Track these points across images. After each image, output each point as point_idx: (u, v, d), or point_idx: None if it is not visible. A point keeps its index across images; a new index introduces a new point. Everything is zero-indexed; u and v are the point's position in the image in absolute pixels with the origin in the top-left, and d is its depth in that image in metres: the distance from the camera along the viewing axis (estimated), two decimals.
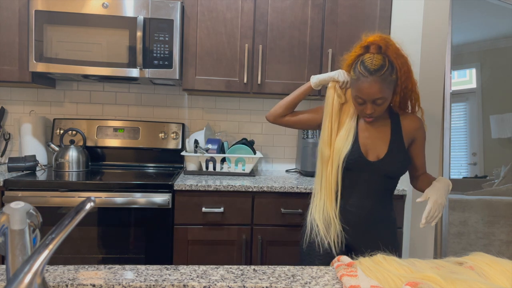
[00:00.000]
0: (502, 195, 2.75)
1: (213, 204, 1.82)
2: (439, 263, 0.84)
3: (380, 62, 1.15)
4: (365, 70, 1.15)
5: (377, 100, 1.17)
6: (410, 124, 1.30)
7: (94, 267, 0.80)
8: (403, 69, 1.18)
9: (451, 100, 2.02)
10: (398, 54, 1.17)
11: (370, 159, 1.25)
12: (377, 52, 1.18)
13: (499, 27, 3.57)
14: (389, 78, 1.16)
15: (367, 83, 1.15)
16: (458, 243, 2.55)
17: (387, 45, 1.16)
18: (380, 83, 1.14)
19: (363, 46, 1.20)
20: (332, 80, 1.29)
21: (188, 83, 2.06)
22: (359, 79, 1.16)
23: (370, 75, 1.14)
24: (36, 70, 1.92)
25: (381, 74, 1.14)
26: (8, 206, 0.58)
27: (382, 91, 1.15)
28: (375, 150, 1.26)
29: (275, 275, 0.80)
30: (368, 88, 1.15)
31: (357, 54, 1.21)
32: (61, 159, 2.05)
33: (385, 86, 1.15)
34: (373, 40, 1.18)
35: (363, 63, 1.16)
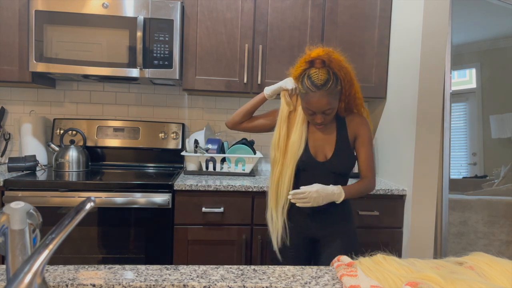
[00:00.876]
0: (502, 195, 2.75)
1: (213, 204, 1.82)
2: (439, 263, 0.84)
3: (325, 77, 1.24)
4: (312, 85, 1.24)
5: (326, 111, 1.27)
6: (354, 122, 1.40)
7: (94, 267, 0.80)
8: (346, 79, 1.28)
9: (451, 100, 2.01)
10: (340, 66, 1.26)
11: (319, 159, 1.37)
12: (321, 66, 1.26)
13: (499, 27, 3.56)
14: (335, 90, 1.26)
15: (315, 98, 1.24)
16: (458, 243, 2.55)
17: (330, 59, 1.24)
18: (328, 96, 1.24)
19: (308, 61, 1.28)
20: (282, 89, 1.39)
21: (188, 83, 2.06)
22: (308, 93, 1.26)
23: (318, 89, 1.24)
24: (36, 70, 1.92)
25: (328, 88, 1.24)
26: (8, 206, 0.58)
27: (329, 103, 1.26)
28: (323, 151, 1.38)
29: (275, 275, 0.80)
30: (317, 102, 1.25)
31: (303, 68, 1.30)
32: (61, 159, 2.05)
33: (332, 98, 1.26)
34: (317, 55, 1.25)
35: (310, 78, 1.25)
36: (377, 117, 2.31)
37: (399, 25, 2.04)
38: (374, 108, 2.38)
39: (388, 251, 1.49)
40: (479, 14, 3.27)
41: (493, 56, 3.96)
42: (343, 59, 1.28)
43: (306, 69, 1.29)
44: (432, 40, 1.80)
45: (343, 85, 1.29)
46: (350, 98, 1.35)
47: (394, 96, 2.07)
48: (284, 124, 1.37)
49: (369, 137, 1.41)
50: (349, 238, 1.43)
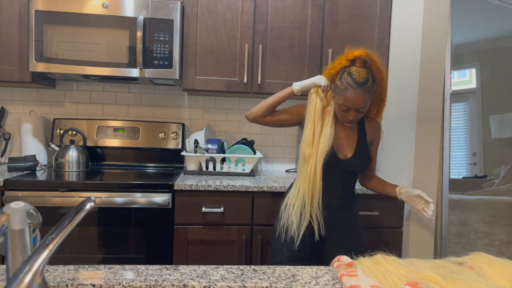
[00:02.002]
0: (502, 195, 2.75)
1: (213, 204, 1.82)
2: (439, 263, 0.84)
3: (366, 76, 1.29)
4: (353, 82, 1.28)
5: (360, 109, 1.32)
6: (372, 127, 1.49)
7: (94, 267, 0.80)
8: (381, 83, 1.34)
9: (451, 100, 2.01)
10: (378, 69, 1.32)
11: (340, 157, 1.42)
12: (362, 66, 1.30)
13: (499, 27, 3.56)
14: (372, 90, 1.32)
15: (355, 94, 1.28)
16: (458, 243, 2.55)
17: (371, 60, 1.30)
18: (365, 94, 1.29)
19: (349, 59, 1.31)
20: (314, 85, 1.41)
21: (188, 83, 2.06)
22: (347, 90, 1.29)
23: (358, 87, 1.28)
24: (36, 70, 1.92)
25: (367, 86, 1.29)
26: (8, 206, 0.58)
27: (366, 101, 1.31)
28: (344, 149, 1.43)
29: (275, 275, 0.80)
30: (355, 98, 1.29)
31: (343, 66, 1.32)
32: (61, 159, 2.05)
33: (368, 97, 1.31)
34: (359, 55, 1.29)
35: (351, 75, 1.29)
36: None
37: (399, 25, 2.04)
38: None
39: (388, 251, 1.49)
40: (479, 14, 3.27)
41: (493, 56, 3.96)
42: (380, 63, 1.32)
43: (347, 66, 1.31)
44: (432, 40, 1.80)
45: (377, 87, 1.34)
46: (380, 102, 1.42)
47: (394, 96, 2.07)
48: (319, 121, 1.38)
49: (379, 142, 1.54)
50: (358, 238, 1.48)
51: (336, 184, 1.43)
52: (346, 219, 1.47)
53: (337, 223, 1.45)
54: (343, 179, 1.43)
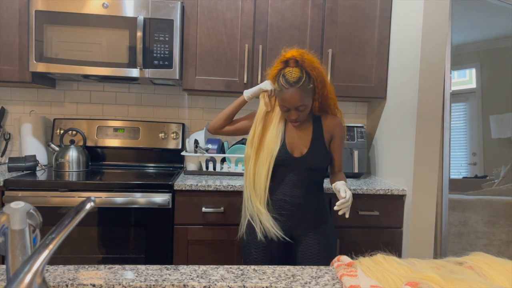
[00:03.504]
0: (502, 195, 2.75)
1: (213, 204, 1.82)
2: (439, 263, 0.84)
3: (298, 75, 1.33)
4: (286, 83, 1.33)
5: (299, 107, 1.35)
6: (330, 123, 1.49)
7: (94, 267, 0.80)
8: (319, 79, 1.36)
9: (451, 100, 2.01)
10: (313, 66, 1.34)
11: (295, 155, 1.43)
12: (295, 65, 1.35)
13: (499, 27, 3.56)
14: (307, 87, 1.34)
15: (289, 94, 1.33)
16: (458, 243, 2.55)
17: (303, 59, 1.33)
18: (300, 93, 1.33)
19: (283, 61, 1.36)
20: (262, 91, 1.49)
21: (188, 83, 2.06)
22: (282, 90, 1.34)
23: (291, 86, 1.32)
24: (36, 70, 1.92)
25: (300, 85, 1.32)
26: (8, 206, 0.58)
27: (302, 99, 1.33)
28: (299, 147, 1.45)
29: (275, 275, 0.80)
30: (290, 98, 1.33)
31: (279, 68, 1.37)
32: (61, 159, 2.05)
33: (304, 95, 1.34)
34: (291, 56, 1.34)
35: (284, 76, 1.34)
36: (377, 117, 2.31)
37: (399, 25, 2.04)
38: (374, 108, 2.38)
39: (388, 251, 1.49)
40: (479, 14, 3.27)
41: (493, 56, 3.96)
42: (316, 60, 1.36)
43: (282, 69, 1.37)
44: (432, 40, 1.80)
45: (316, 84, 1.37)
46: (323, 98, 1.43)
47: (394, 96, 2.07)
48: (260, 123, 1.45)
49: (343, 137, 1.53)
50: (327, 238, 1.47)
51: (295, 182, 1.43)
52: (313, 218, 1.46)
53: (304, 222, 1.45)
54: (302, 177, 1.43)
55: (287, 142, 1.44)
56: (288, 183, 1.44)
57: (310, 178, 1.46)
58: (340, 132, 1.51)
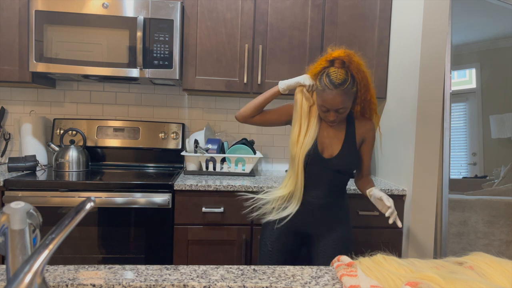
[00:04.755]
0: (502, 195, 2.75)
1: (213, 204, 1.82)
2: (439, 263, 0.84)
3: (343, 77, 1.28)
4: (330, 83, 1.28)
5: (339, 110, 1.31)
6: (363, 126, 1.46)
7: (94, 267, 0.80)
8: (363, 83, 1.32)
9: (451, 100, 2.01)
10: (359, 69, 1.30)
11: (325, 156, 1.40)
12: (341, 66, 1.30)
13: (499, 27, 3.56)
14: (351, 91, 1.30)
15: (331, 95, 1.28)
16: (458, 243, 2.55)
17: (350, 61, 1.28)
18: (343, 95, 1.28)
19: (329, 60, 1.31)
20: (299, 85, 1.41)
21: (188, 83, 2.06)
22: (325, 91, 1.29)
23: (335, 88, 1.27)
24: (36, 70, 1.92)
25: (344, 87, 1.28)
26: (8, 206, 0.58)
27: (344, 102, 1.29)
28: (330, 148, 1.42)
29: (275, 275, 0.80)
30: (332, 99, 1.29)
31: (323, 67, 1.32)
32: (61, 159, 2.05)
33: (346, 98, 1.30)
34: (338, 55, 1.29)
35: (329, 76, 1.29)
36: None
37: (399, 25, 2.04)
38: None
39: (388, 251, 1.49)
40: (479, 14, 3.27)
41: (493, 56, 3.96)
42: (362, 63, 1.31)
43: (326, 67, 1.32)
44: (432, 40, 1.80)
45: (359, 88, 1.33)
46: (366, 103, 1.40)
47: (394, 96, 2.07)
48: (305, 120, 1.39)
49: (373, 142, 1.51)
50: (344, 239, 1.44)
51: (321, 183, 1.41)
52: (333, 220, 1.44)
53: (323, 222, 1.43)
54: (329, 178, 1.41)
55: (318, 141, 1.40)
56: (311, 183, 1.41)
57: (336, 180, 1.42)
58: (372, 136, 1.48)
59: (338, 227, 1.44)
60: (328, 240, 1.43)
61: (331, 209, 1.43)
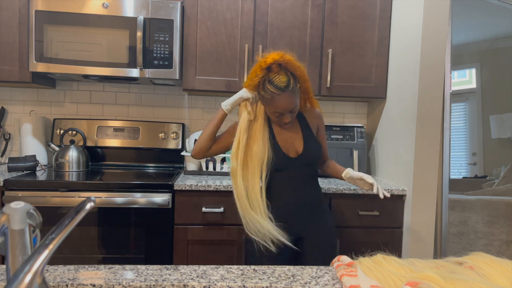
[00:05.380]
0: (502, 195, 2.75)
1: (213, 204, 1.82)
2: (439, 263, 0.84)
3: (286, 79, 1.29)
4: (276, 89, 1.28)
5: (293, 109, 1.34)
6: (312, 115, 1.50)
7: (94, 267, 0.80)
8: (302, 77, 1.35)
9: (451, 100, 2.01)
10: (295, 66, 1.32)
11: (292, 156, 1.42)
12: (279, 69, 1.30)
13: (499, 27, 3.56)
14: (296, 89, 1.33)
15: (282, 100, 1.29)
16: (458, 243, 2.55)
17: (285, 61, 1.29)
18: (292, 96, 1.30)
19: (264, 68, 1.29)
20: (242, 100, 1.40)
21: (188, 83, 2.06)
22: (273, 98, 1.29)
23: (282, 92, 1.28)
24: (36, 70, 1.92)
25: (290, 88, 1.29)
26: (8, 206, 0.58)
27: (295, 102, 1.32)
28: (294, 147, 1.43)
29: (275, 275, 0.80)
30: (285, 103, 1.30)
31: (261, 76, 1.31)
32: (61, 159, 2.05)
33: (295, 97, 1.32)
34: (273, 60, 1.28)
35: (272, 83, 1.28)
36: (377, 117, 2.31)
37: (399, 25, 2.04)
38: (374, 108, 2.38)
39: (388, 251, 1.49)
40: (479, 14, 3.27)
41: (493, 56, 3.96)
42: (294, 59, 1.32)
43: (265, 75, 1.30)
44: (432, 40, 1.80)
45: (301, 83, 1.36)
46: (306, 94, 1.43)
47: (394, 96, 2.07)
48: (244, 134, 1.36)
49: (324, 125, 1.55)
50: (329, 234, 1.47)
51: (297, 183, 1.42)
52: (318, 216, 1.46)
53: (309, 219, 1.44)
54: (302, 175, 1.43)
55: (280, 145, 1.42)
56: (290, 186, 1.42)
57: (309, 174, 1.46)
58: (322, 122, 1.53)
59: (321, 217, 1.47)
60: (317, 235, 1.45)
61: (313, 203, 1.46)
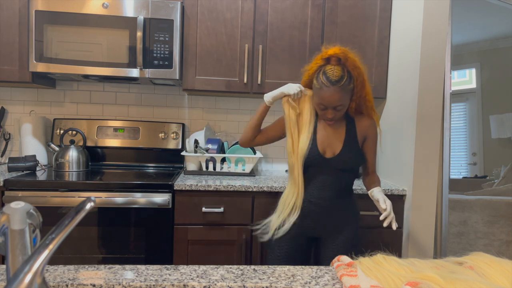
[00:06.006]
0: (502, 195, 2.75)
1: (213, 204, 1.82)
2: (439, 263, 0.84)
3: (340, 73, 1.28)
4: (327, 81, 1.28)
5: (337, 107, 1.32)
6: (363, 124, 1.46)
7: (94, 267, 0.80)
8: (359, 79, 1.33)
9: (451, 100, 2.01)
10: (355, 66, 1.31)
11: (327, 156, 1.40)
12: (337, 63, 1.30)
13: (499, 27, 3.57)
14: (348, 87, 1.30)
15: (329, 93, 1.29)
16: (458, 243, 2.55)
17: (346, 58, 1.29)
18: (340, 92, 1.29)
19: (324, 58, 1.32)
20: (283, 95, 1.42)
21: (188, 83, 2.06)
22: (322, 88, 1.30)
23: (332, 85, 1.28)
24: (36, 70, 1.92)
25: (341, 84, 1.28)
26: (8, 206, 0.58)
27: (341, 99, 1.30)
28: (332, 147, 1.41)
29: (275, 275, 0.80)
30: (330, 97, 1.29)
31: (319, 65, 1.33)
32: (61, 159, 2.05)
33: (344, 95, 1.30)
34: (334, 53, 1.29)
35: (325, 74, 1.29)
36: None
37: (399, 25, 2.04)
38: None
39: (388, 251, 1.49)
40: (479, 14, 3.27)
41: (493, 56, 3.96)
42: (358, 59, 1.32)
43: (322, 65, 1.32)
44: (432, 40, 1.80)
45: (356, 84, 1.33)
46: (361, 100, 1.40)
47: (394, 96, 2.07)
48: (295, 129, 1.40)
49: (376, 139, 1.49)
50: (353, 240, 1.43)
51: (324, 184, 1.40)
52: (340, 221, 1.43)
53: (330, 224, 1.42)
54: (333, 179, 1.40)
55: (318, 142, 1.40)
56: (316, 185, 1.41)
57: (341, 180, 1.42)
58: (373, 133, 1.47)
59: (346, 228, 1.43)
60: (337, 242, 1.42)
61: (338, 210, 1.42)
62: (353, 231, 1.45)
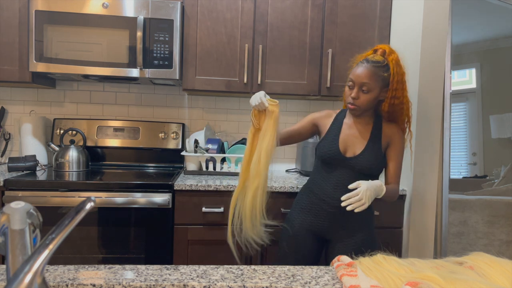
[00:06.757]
0: (502, 195, 2.75)
1: (213, 204, 1.82)
2: (439, 263, 0.84)
3: (379, 59, 1.33)
4: (364, 60, 1.35)
5: (363, 86, 1.31)
6: (390, 129, 1.42)
7: (94, 267, 0.80)
8: (397, 77, 1.33)
9: (451, 100, 2.01)
10: (397, 63, 1.34)
11: (347, 155, 1.38)
12: (381, 54, 1.37)
13: (499, 27, 3.56)
14: (380, 72, 1.32)
15: (360, 68, 1.32)
16: (458, 243, 2.55)
17: (391, 52, 1.35)
18: (371, 70, 1.30)
19: (374, 49, 1.41)
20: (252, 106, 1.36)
21: (188, 83, 2.06)
22: (357, 65, 1.35)
23: (367, 62, 1.33)
24: (36, 70, 1.92)
25: (376, 65, 1.31)
26: (8, 206, 0.58)
27: (370, 77, 1.30)
28: (353, 148, 1.39)
29: (275, 275, 0.80)
30: (359, 72, 1.32)
31: (367, 54, 1.40)
32: (61, 159, 2.05)
33: (374, 76, 1.31)
34: (382, 46, 1.38)
35: (367, 57, 1.36)
36: None
37: (399, 25, 2.04)
38: None
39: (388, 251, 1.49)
40: (479, 14, 3.27)
41: (493, 56, 3.96)
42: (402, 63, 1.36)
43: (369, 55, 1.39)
44: (432, 40, 1.80)
45: (392, 80, 1.33)
46: (396, 107, 1.36)
47: None
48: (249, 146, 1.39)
49: (402, 148, 1.43)
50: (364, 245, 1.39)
51: (340, 183, 1.37)
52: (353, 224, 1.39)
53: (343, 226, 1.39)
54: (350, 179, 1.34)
55: (340, 141, 1.39)
56: (331, 183, 1.38)
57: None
58: (399, 140, 1.41)
59: (358, 231, 1.40)
60: (347, 245, 1.39)
61: (351, 216, 1.37)
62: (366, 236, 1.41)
